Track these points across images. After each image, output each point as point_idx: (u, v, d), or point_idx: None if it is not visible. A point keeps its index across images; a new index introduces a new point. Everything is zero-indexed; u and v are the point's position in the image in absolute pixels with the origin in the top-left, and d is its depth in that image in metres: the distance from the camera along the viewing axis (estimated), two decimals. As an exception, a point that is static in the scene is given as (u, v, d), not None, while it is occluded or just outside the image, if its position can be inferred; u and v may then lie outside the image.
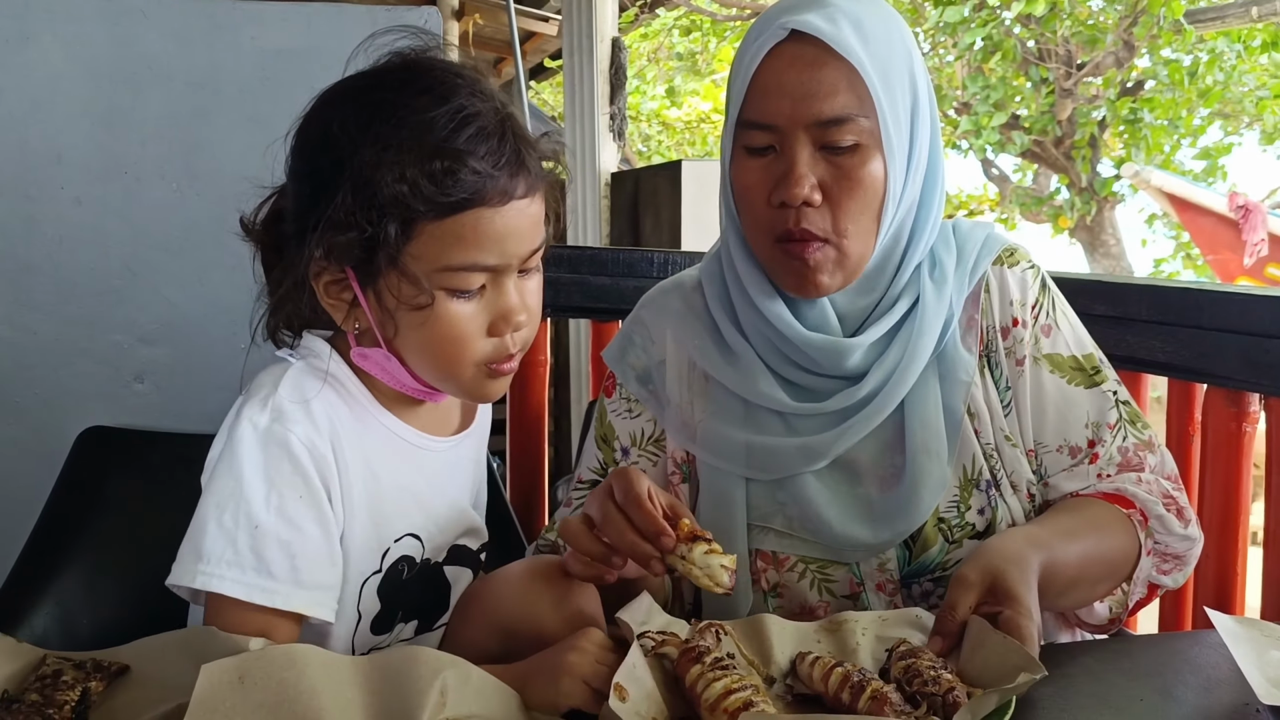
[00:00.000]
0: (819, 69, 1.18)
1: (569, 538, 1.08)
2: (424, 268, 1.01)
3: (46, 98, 1.81)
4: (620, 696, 0.89)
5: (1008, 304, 1.31)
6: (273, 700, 0.84)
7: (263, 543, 1.00)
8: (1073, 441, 1.28)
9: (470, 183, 1.00)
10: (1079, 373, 1.30)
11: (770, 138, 1.21)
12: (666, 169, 5.09)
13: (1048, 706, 0.90)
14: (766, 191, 1.22)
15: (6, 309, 1.81)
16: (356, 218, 0.99)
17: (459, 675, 0.90)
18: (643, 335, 1.42)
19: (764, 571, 1.28)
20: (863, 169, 1.19)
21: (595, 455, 1.42)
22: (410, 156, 0.99)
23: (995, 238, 1.35)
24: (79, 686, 0.89)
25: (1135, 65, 8.84)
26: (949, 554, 1.25)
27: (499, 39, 7.65)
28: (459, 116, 1.01)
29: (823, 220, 1.20)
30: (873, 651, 1.05)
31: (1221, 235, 7.48)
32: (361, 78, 1.06)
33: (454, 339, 1.05)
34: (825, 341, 1.26)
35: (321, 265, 1.04)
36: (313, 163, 1.04)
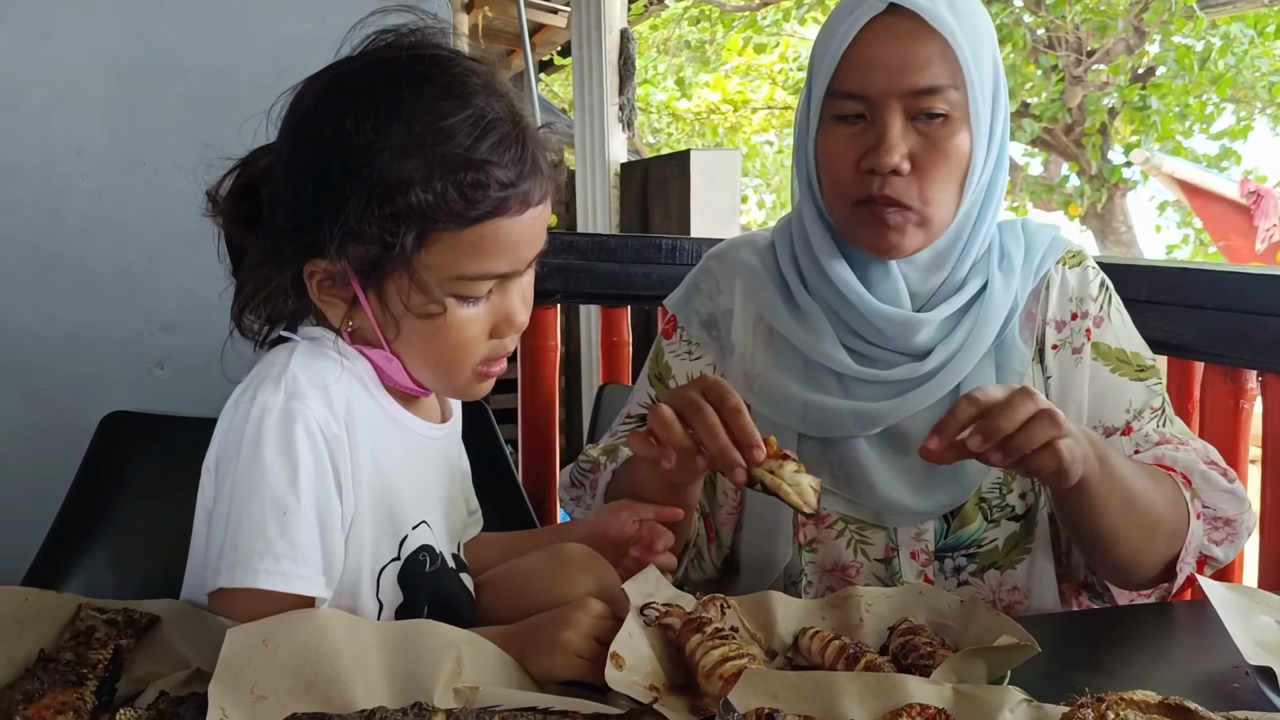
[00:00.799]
0: (915, 42, 1.22)
1: (657, 423, 1.09)
2: (436, 276, 0.99)
3: (67, 92, 1.84)
4: (617, 665, 0.91)
5: (1066, 300, 1.35)
6: (295, 662, 0.87)
7: (293, 527, 0.96)
8: (1108, 423, 1.31)
9: (497, 193, 0.97)
10: (1125, 365, 1.33)
11: (862, 107, 1.24)
12: (675, 158, 5.11)
13: (1041, 671, 0.92)
14: (855, 158, 1.25)
15: (31, 299, 1.85)
16: (374, 227, 0.96)
17: (474, 647, 0.93)
18: (710, 284, 1.45)
19: (804, 525, 1.33)
20: (951, 140, 1.23)
21: (648, 391, 1.45)
22: (436, 167, 0.96)
23: (1061, 240, 1.39)
24: (111, 645, 0.92)
25: (1146, 52, 8.81)
26: (985, 532, 1.29)
27: (509, 31, 7.66)
28: (482, 123, 0.98)
29: (909, 188, 1.24)
30: (876, 628, 1.07)
31: (1233, 221, 7.46)
32: (373, 67, 1.01)
33: (459, 344, 1.03)
34: (896, 314, 1.29)
35: (318, 264, 1.01)
36: (320, 161, 0.98)
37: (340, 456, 1.01)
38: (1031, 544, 1.32)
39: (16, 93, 1.81)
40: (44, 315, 1.86)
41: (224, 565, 0.96)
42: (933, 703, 0.84)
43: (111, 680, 0.92)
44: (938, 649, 0.97)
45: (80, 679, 0.89)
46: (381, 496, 1.06)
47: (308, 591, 0.96)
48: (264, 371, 1.01)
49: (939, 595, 1.09)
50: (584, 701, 0.88)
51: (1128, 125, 9.00)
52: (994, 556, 1.31)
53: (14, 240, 1.83)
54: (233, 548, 0.96)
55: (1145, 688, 0.85)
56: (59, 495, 1.48)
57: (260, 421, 0.97)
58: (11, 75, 1.81)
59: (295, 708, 0.83)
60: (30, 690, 0.87)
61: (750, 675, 0.88)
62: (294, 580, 0.96)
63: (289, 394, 0.98)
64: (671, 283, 1.97)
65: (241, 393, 1.01)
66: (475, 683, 0.91)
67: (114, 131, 1.85)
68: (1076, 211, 9.44)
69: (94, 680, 0.89)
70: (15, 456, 1.84)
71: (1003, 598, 1.30)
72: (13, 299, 1.84)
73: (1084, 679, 0.93)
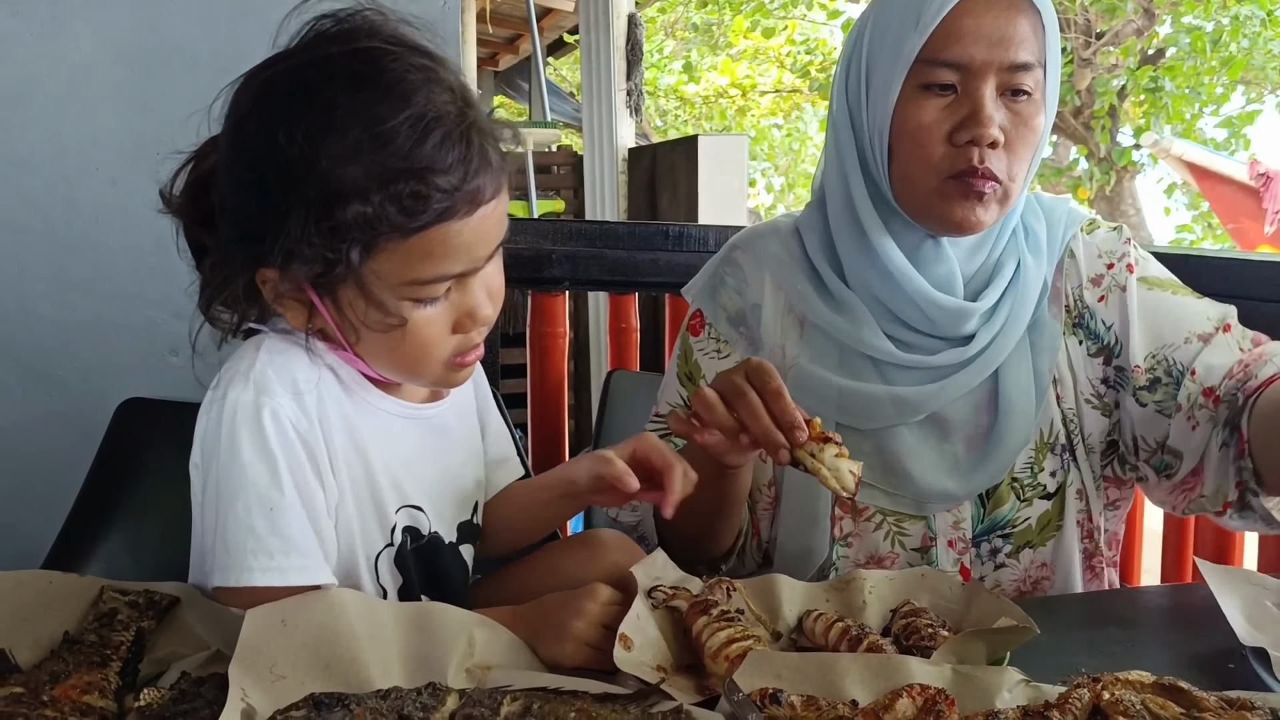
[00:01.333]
0: (1014, 14, 1.22)
1: (700, 406, 1.11)
2: (388, 282, 0.96)
3: (80, 83, 1.86)
4: (625, 646, 0.93)
5: (1094, 259, 1.35)
6: (313, 641, 0.89)
7: (282, 521, 0.97)
8: (1200, 330, 1.29)
9: (440, 202, 0.93)
10: (1183, 288, 1.34)
11: (956, 77, 1.23)
12: (683, 144, 5.12)
13: (1040, 653, 0.94)
14: (946, 130, 1.24)
15: (47, 287, 1.87)
16: (315, 243, 0.92)
17: (485, 629, 0.96)
18: (736, 277, 1.43)
19: (840, 520, 1.33)
20: (1036, 118, 1.25)
21: (678, 391, 1.44)
22: (373, 178, 0.91)
23: (1076, 212, 1.40)
24: (133, 627, 0.95)
25: (1156, 33, 8.77)
26: (1019, 512, 1.31)
27: (516, 15, 7.67)
28: (422, 124, 0.92)
29: (999, 163, 1.23)
30: (879, 610, 1.09)
31: (1242, 203, 7.44)
32: (304, 69, 0.95)
33: (422, 345, 1.01)
34: (951, 303, 1.29)
35: (267, 274, 0.98)
36: (257, 170, 0.94)
37: (315, 446, 1.00)
38: (1062, 521, 1.33)
39: (30, 84, 1.84)
40: (60, 303, 1.88)
41: (218, 566, 0.97)
42: (933, 683, 0.86)
43: (134, 661, 0.94)
44: (938, 631, 0.99)
45: (104, 660, 0.91)
46: (363, 482, 1.06)
47: (307, 581, 0.96)
48: (234, 368, 1.00)
49: (940, 578, 1.11)
50: (593, 682, 0.90)
51: (1137, 108, 8.98)
52: (1028, 536, 1.32)
53: (30, 229, 1.85)
54: (225, 548, 0.96)
55: (1142, 668, 0.87)
56: (77, 480, 1.51)
57: (233, 420, 0.97)
58: (25, 67, 1.83)
59: (313, 687, 0.86)
60: (56, 671, 0.89)
61: (755, 656, 0.90)
62: (291, 573, 0.96)
63: (258, 390, 0.98)
64: (678, 269, 2.00)
65: (214, 390, 1.00)
66: (487, 664, 0.94)
67: (127, 121, 1.87)
68: (1085, 194, 9.42)
69: (117, 661, 0.92)
70: (34, 442, 1.87)
71: (1032, 575, 1.32)
72: (29, 287, 1.87)
73: (1082, 661, 0.95)
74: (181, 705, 0.84)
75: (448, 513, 1.14)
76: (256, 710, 0.82)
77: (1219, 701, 0.82)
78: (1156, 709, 0.82)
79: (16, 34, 1.82)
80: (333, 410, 1.03)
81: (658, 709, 0.84)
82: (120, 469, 1.55)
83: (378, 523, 1.07)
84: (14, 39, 1.82)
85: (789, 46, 13.16)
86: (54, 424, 1.87)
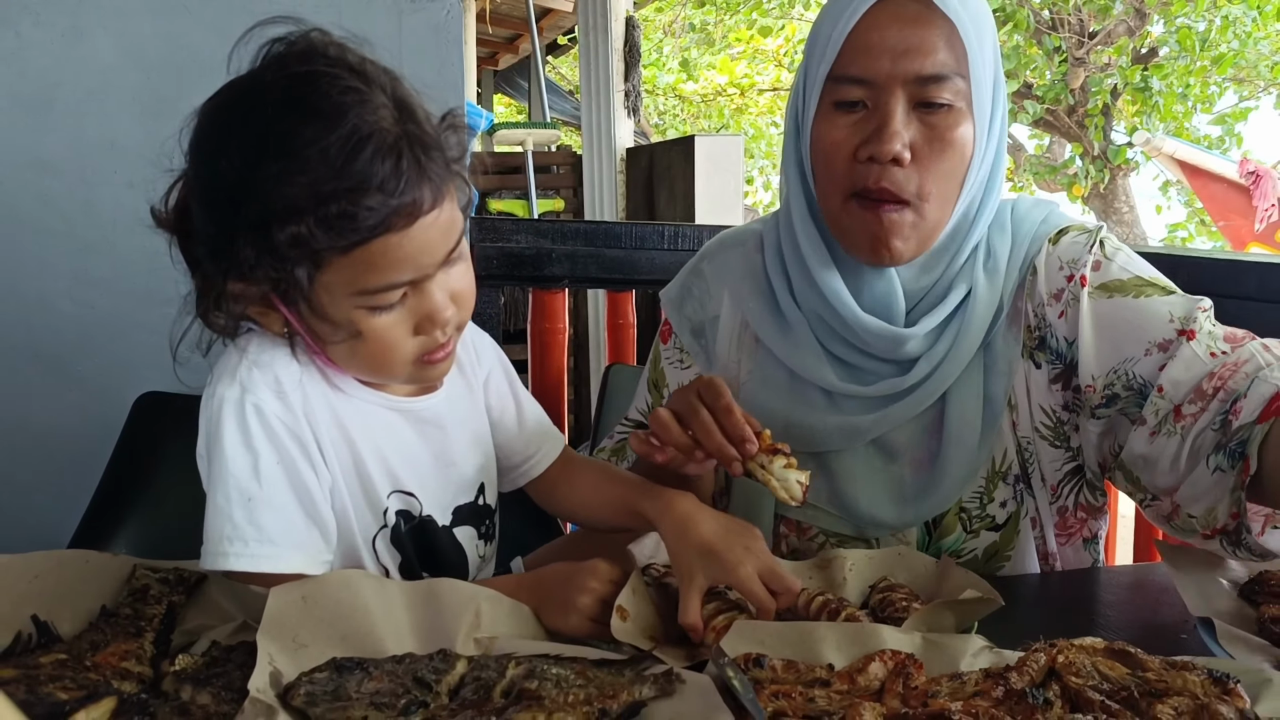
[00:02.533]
0: (922, 26, 1.17)
1: (657, 426, 1.12)
2: (339, 293, 1.00)
3: (100, 89, 1.93)
4: (621, 617, 1.00)
5: (1055, 273, 1.27)
6: (331, 616, 0.96)
7: (258, 512, 1.02)
8: (1159, 338, 1.19)
9: (368, 219, 0.95)
10: (1148, 286, 1.23)
11: (864, 93, 1.19)
12: (680, 144, 5.17)
13: (1006, 623, 1.01)
14: (853, 147, 1.20)
15: (68, 285, 1.94)
16: (263, 261, 0.97)
17: (491, 601, 1.03)
18: (700, 289, 1.43)
19: (785, 537, 1.35)
20: (955, 131, 1.18)
21: (645, 398, 1.46)
22: (306, 198, 0.94)
23: (1047, 222, 1.31)
24: (165, 601, 1.02)
25: (1149, 32, 8.83)
26: (965, 543, 1.29)
27: (516, 15, 7.72)
28: (351, 141, 0.94)
29: (908, 181, 1.18)
30: (858, 586, 1.16)
31: (1233, 201, 7.51)
32: (242, 96, 0.99)
33: (383, 350, 1.04)
34: (885, 329, 1.26)
35: (236, 286, 1.01)
36: (210, 193, 1.00)
37: (303, 437, 1.06)
38: (1011, 551, 1.31)
39: (52, 90, 1.90)
40: (80, 301, 1.95)
41: (204, 550, 1.04)
42: (903, 649, 0.93)
43: (166, 632, 1.01)
44: (912, 604, 1.07)
45: (139, 630, 0.98)
46: (352, 470, 1.10)
47: (278, 569, 1.01)
48: (224, 365, 1.06)
49: (916, 557, 1.19)
50: (591, 649, 0.97)
51: (1130, 106, 9.05)
52: (972, 565, 1.30)
53: (51, 230, 1.92)
54: (206, 534, 1.03)
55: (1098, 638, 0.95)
56: (97, 470, 1.57)
57: (220, 414, 1.03)
58: (46, 74, 1.90)
59: (334, 654, 0.93)
60: (96, 640, 0.96)
61: (739, 625, 0.97)
62: (262, 560, 1.01)
63: (243, 387, 1.03)
64: (674, 268, 2.05)
65: (208, 386, 1.06)
66: (493, 633, 1.01)
67: (145, 126, 1.94)
68: (1080, 192, 9.49)
69: (151, 632, 0.99)
70: (55, 434, 1.94)
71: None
72: (50, 285, 1.94)
73: (1045, 631, 1.01)
74: (214, 669, 0.91)
75: (443, 498, 1.19)
76: (283, 673, 0.90)
77: (1163, 663, 0.90)
78: (1106, 669, 0.89)
79: (39, 42, 1.89)
80: (318, 404, 1.08)
81: (650, 671, 0.91)
82: (138, 459, 1.61)
83: (369, 507, 1.12)
84: (37, 47, 1.89)
85: (787, 45, 13.22)
86: (75, 417, 1.94)
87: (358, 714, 0.83)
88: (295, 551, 1.04)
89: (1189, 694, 0.85)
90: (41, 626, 0.98)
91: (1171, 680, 0.87)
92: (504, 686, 0.88)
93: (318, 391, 1.08)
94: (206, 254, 1.02)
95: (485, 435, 1.26)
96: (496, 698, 0.87)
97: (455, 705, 0.86)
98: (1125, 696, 0.85)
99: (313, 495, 1.06)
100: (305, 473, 1.06)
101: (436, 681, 0.89)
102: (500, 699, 0.87)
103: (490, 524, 1.25)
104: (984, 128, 1.21)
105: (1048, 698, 0.86)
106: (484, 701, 0.86)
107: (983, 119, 1.20)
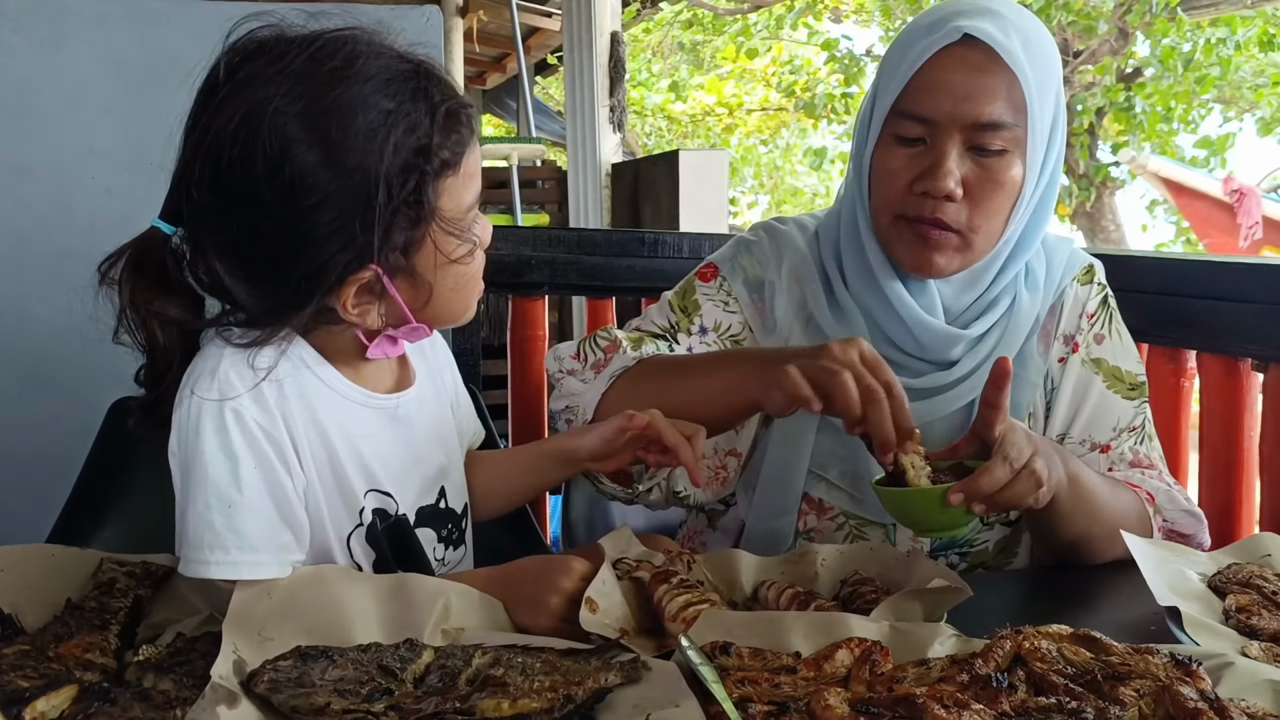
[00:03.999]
0: (985, 75, 1.23)
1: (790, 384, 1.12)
2: (457, 217, 1.06)
3: (78, 96, 1.93)
4: (590, 609, 1.00)
5: (1075, 316, 1.40)
6: (299, 610, 0.96)
7: (239, 518, 1.01)
8: (1095, 438, 1.37)
9: (470, 110, 1.06)
10: (1119, 383, 1.38)
11: (923, 130, 1.27)
12: (664, 159, 5.20)
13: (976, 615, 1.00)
14: (910, 178, 1.28)
15: (44, 291, 1.93)
16: (402, 213, 1.01)
17: (459, 594, 1.03)
18: (760, 252, 1.46)
19: (805, 514, 1.38)
20: (1006, 174, 1.26)
21: (667, 316, 1.46)
22: (413, 129, 1.01)
23: (1077, 255, 1.44)
24: (131, 594, 1.02)
25: (1134, 53, 8.91)
26: (979, 533, 1.36)
27: (503, 35, 7.76)
28: (414, 64, 1.04)
29: (958, 214, 1.27)
30: (830, 580, 1.17)
31: (1217, 219, 7.56)
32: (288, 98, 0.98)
33: (479, 267, 1.11)
34: (940, 328, 1.33)
35: (352, 282, 1.03)
36: (301, 207, 0.99)
37: (280, 439, 1.05)
38: (1018, 548, 1.39)
39: (30, 97, 1.91)
40: (57, 307, 1.93)
41: (182, 557, 1.02)
42: (870, 637, 0.94)
43: (132, 625, 1.01)
44: (881, 596, 1.07)
45: (104, 623, 0.98)
46: (328, 468, 1.10)
47: (259, 576, 1.00)
48: (201, 366, 1.04)
49: (887, 551, 1.19)
50: (558, 640, 0.97)
51: (1114, 126, 9.12)
52: (983, 557, 1.37)
53: (28, 235, 1.92)
54: (185, 541, 1.02)
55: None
56: (72, 476, 1.56)
57: (198, 418, 1.02)
58: (26, 81, 1.91)
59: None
60: (60, 633, 0.96)
61: (708, 614, 0.98)
62: (243, 568, 1.00)
63: (221, 391, 1.02)
64: (654, 275, 2.08)
65: (183, 386, 1.05)
66: (461, 625, 1.01)
67: (123, 133, 1.94)
68: (1065, 210, 9.55)
69: (116, 625, 0.99)
70: (31, 440, 1.93)
71: None
72: (27, 291, 1.93)
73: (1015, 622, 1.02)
74: (177, 658, 0.91)
75: (409, 498, 1.19)
76: (247, 661, 0.89)
77: (1127, 648, 0.90)
78: (1071, 655, 0.90)
79: (17, 49, 1.89)
80: (296, 404, 1.07)
81: (616, 659, 0.91)
82: (112, 466, 1.59)
83: (345, 506, 1.12)
84: (15, 54, 1.89)
85: (774, 66, 13.31)
86: (50, 423, 1.93)
87: (321, 700, 0.83)
88: (272, 557, 1.03)
89: (1151, 676, 0.85)
90: (5, 619, 0.98)
91: (1135, 664, 0.87)
92: (470, 675, 0.88)
93: (295, 391, 1.07)
94: (303, 274, 1.01)
95: (449, 436, 1.26)
96: (462, 686, 0.87)
97: (420, 693, 0.86)
98: (1089, 680, 0.86)
99: (289, 498, 1.05)
100: (281, 476, 1.05)
101: (402, 670, 0.89)
102: (466, 687, 0.87)
103: (454, 529, 1.24)
104: (1035, 167, 1.28)
105: (1012, 683, 0.86)
106: (449, 689, 0.86)
107: (1035, 161, 1.28)
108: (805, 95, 11.76)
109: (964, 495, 1.08)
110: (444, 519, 1.23)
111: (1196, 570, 1.16)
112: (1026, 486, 1.10)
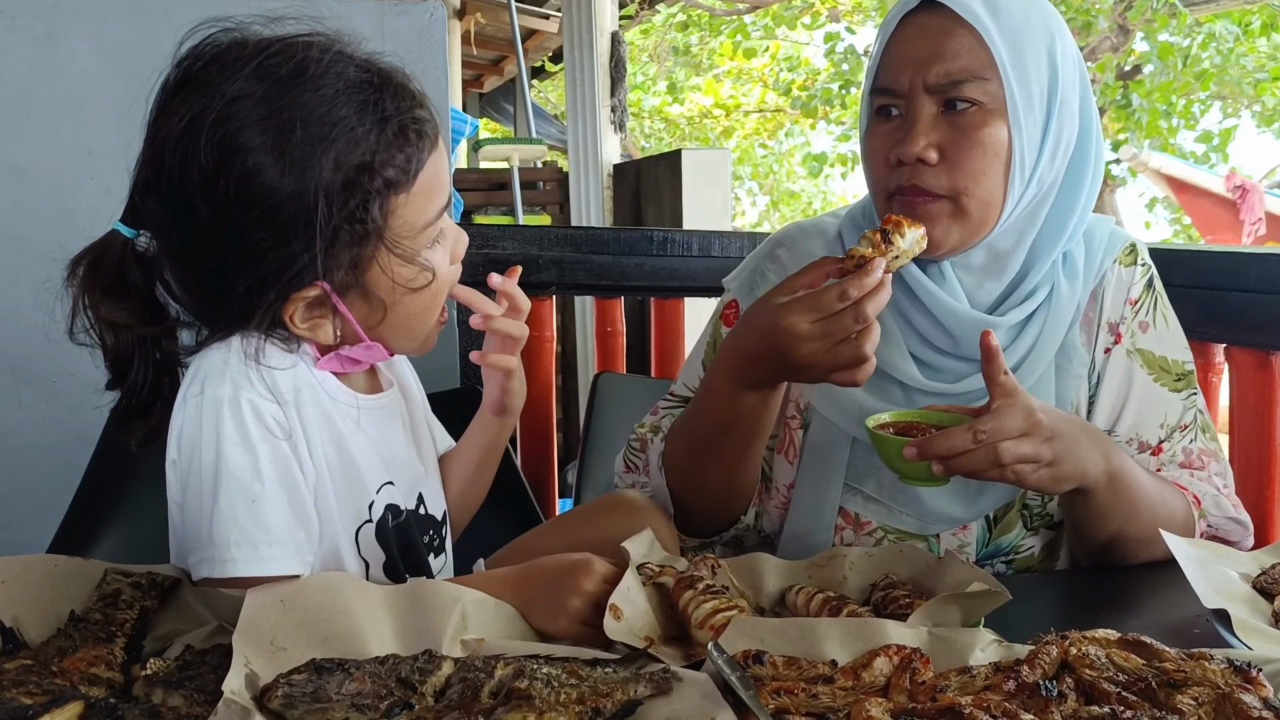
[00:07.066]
0: (944, 36, 1.23)
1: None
2: (409, 237, 1.02)
3: (76, 95, 1.90)
4: (615, 616, 0.96)
5: (1119, 303, 1.35)
6: (311, 619, 0.92)
7: (264, 512, 1.00)
8: (1143, 437, 1.33)
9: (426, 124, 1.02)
10: (1166, 374, 1.34)
11: (895, 102, 1.26)
12: (667, 159, 5.17)
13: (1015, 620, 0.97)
14: (887, 151, 1.26)
15: (43, 294, 1.90)
16: (344, 230, 0.98)
17: (476, 602, 0.99)
18: (777, 272, 1.42)
19: (842, 530, 1.34)
20: (982, 130, 1.22)
21: (699, 376, 1.43)
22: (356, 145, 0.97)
23: (1118, 234, 1.38)
24: (137, 606, 0.98)
25: (1133, 49, 8.89)
26: (1024, 539, 1.32)
27: (500, 38, 7.74)
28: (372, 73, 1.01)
29: (938, 178, 1.23)
30: (858, 584, 1.13)
31: (1219, 216, 7.55)
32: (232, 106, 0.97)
33: (442, 286, 1.08)
34: (968, 313, 1.28)
35: (297, 299, 1.01)
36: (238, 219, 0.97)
37: (295, 435, 1.04)
38: (1060, 549, 1.35)
39: (28, 96, 1.88)
40: (54, 310, 1.91)
41: (205, 558, 1.00)
42: (909, 644, 0.90)
43: (138, 638, 0.97)
44: (915, 601, 1.03)
45: (109, 636, 0.94)
46: (337, 467, 1.09)
47: (286, 570, 0.99)
48: (209, 364, 1.03)
49: (918, 554, 1.15)
50: (583, 649, 0.93)
51: (1115, 122, 9.10)
52: (1029, 562, 1.34)
53: (26, 238, 1.89)
54: (209, 541, 0.99)
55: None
56: (73, 481, 1.54)
57: (215, 415, 1.00)
58: (22, 79, 1.88)
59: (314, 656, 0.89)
60: (63, 646, 0.92)
61: (738, 622, 0.94)
62: (271, 563, 0.99)
63: (235, 384, 1.01)
64: (663, 273, 2.05)
65: (188, 387, 1.03)
66: (480, 635, 0.97)
67: (121, 133, 1.90)
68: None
69: (122, 637, 0.95)
70: (31, 446, 1.90)
71: None
72: (26, 294, 1.89)
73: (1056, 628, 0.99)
74: (187, 672, 0.87)
75: (407, 490, 1.18)
76: (259, 675, 0.85)
77: (1180, 654, 0.86)
78: (1121, 661, 0.86)
79: (14, 47, 1.86)
80: (308, 397, 1.06)
81: (645, 670, 0.87)
82: (114, 470, 1.57)
83: (355, 501, 1.10)
84: (11, 52, 1.86)
85: (772, 65, 13.28)
86: (50, 428, 1.90)
87: (338, 715, 0.80)
88: (292, 551, 1.01)
89: (1209, 684, 0.81)
90: (6, 632, 0.94)
91: (1190, 670, 0.83)
92: (492, 687, 0.85)
93: (301, 385, 1.06)
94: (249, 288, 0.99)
95: (424, 441, 1.26)
96: (484, 699, 0.83)
97: (441, 707, 0.82)
98: (1143, 688, 0.82)
99: (301, 494, 1.03)
100: (294, 471, 1.03)
101: (421, 682, 0.85)
102: (488, 700, 0.83)
103: (435, 535, 1.22)
104: (1026, 134, 1.23)
105: (1061, 690, 0.82)
106: (471, 702, 0.82)
107: (1022, 124, 1.23)
108: (803, 94, 11.73)
109: (917, 451, 1.10)
110: (425, 525, 1.21)
111: (1239, 571, 1.12)
112: (983, 460, 1.09)
